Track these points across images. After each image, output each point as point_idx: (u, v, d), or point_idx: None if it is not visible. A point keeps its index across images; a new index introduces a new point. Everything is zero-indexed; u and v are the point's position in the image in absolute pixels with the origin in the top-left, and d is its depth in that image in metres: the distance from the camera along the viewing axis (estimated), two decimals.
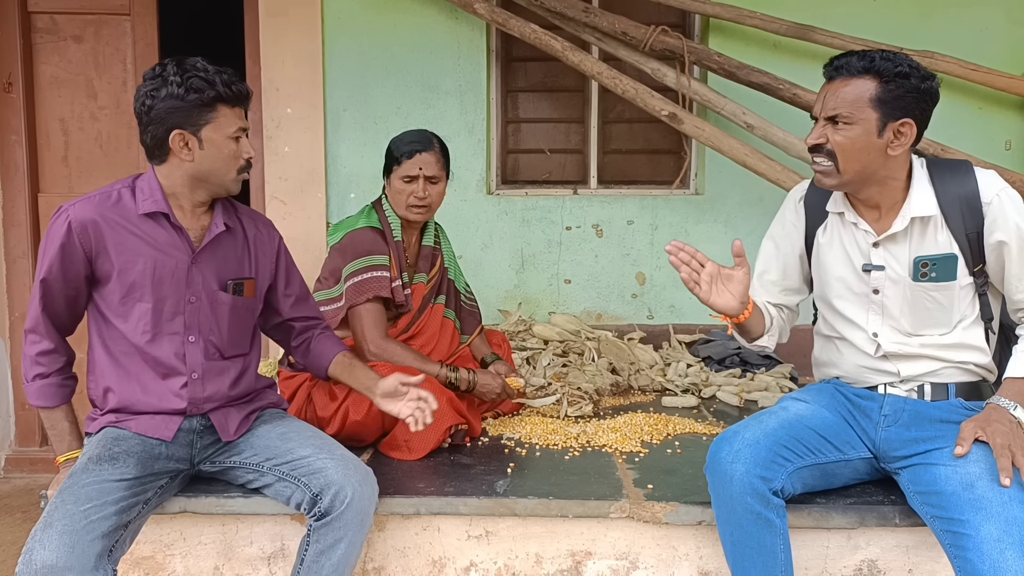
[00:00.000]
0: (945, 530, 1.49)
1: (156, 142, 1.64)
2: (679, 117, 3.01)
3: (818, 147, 1.63)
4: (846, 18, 3.20)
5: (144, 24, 3.49)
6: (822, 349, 1.85)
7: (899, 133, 1.58)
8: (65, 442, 1.70)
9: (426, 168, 2.22)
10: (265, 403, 1.85)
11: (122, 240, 1.64)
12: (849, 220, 1.71)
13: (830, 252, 1.76)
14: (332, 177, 3.47)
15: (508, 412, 2.49)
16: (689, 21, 3.48)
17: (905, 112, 1.57)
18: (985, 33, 3.25)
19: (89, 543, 1.43)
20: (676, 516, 1.76)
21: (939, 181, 1.65)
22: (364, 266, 2.17)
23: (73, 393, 1.72)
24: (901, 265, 1.66)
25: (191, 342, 1.69)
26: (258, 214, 1.89)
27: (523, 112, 3.64)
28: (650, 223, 3.47)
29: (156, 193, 1.67)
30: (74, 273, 1.63)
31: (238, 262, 1.77)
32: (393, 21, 3.39)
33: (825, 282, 1.78)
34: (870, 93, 1.57)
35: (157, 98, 1.60)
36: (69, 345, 1.72)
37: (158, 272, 1.65)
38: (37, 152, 3.56)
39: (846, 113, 1.58)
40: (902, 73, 1.56)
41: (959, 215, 1.62)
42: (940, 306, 1.65)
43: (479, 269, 3.45)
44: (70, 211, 1.62)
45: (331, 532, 1.61)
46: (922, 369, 1.69)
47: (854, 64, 1.58)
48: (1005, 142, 3.31)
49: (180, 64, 1.61)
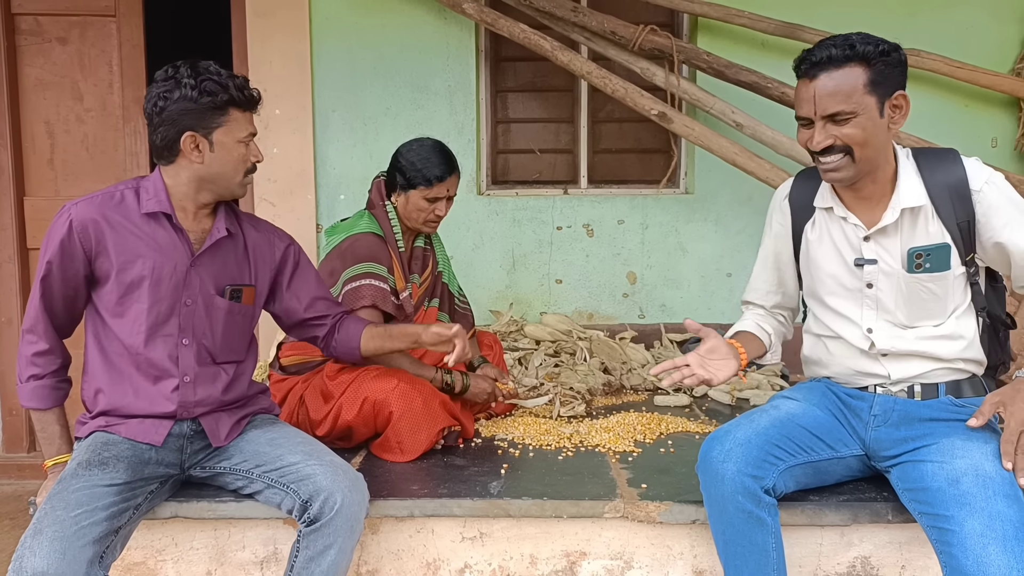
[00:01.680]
0: (931, 526, 1.50)
1: (166, 143, 1.64)
2: (669, 116, 3.02)
3: (830, 148, 1.59)
4: (833, 16, 3.21)
5: (130, 26, 3.46)
6: (812, 348, 1.85)
7: (895, 107, 1.59)
8: (54, 446, 1.69)
9: (451, 189, 2.26)
10: (256, 408, 1.83)
11: (123, 240, 1.63)
12: (838, 215, 1.71)
13: (820, 248, 1.75)
14: (321, 179, 3.46)
15: (501, 413, 2.49)
16: (677, 20, 3.49)
17: (896, 86, 1.58)
18: (970, 31, 3.28)
19: (80, 549, 1.41)
20: (670, 515, 1.76)
21: (927, 170, 1.64)
22: (363, 272, 2.16)
23: (66, 397, 1.71)
24: (893, 258, 1.66)
25: (184, 345, 1.68)
26: (264, 222, 1.88)
27: (513, 112, 3.63)
28: (640, 222, 3.48)
29: (160, 193, 1.67)
30: (73, 272, 1.63)
31: (238, 268, 1.77)
32: (381, 21, 3.38)
33: (816, 279, 1.77)
34: (863, 79, 1.55)
35: (170, 99, 1.60)
36: (66, 348, 1.71)
37: (156, 273, 1.65)
38: (22, 155, 3.53)
39: (848, 108, 1.55)
40: (883, 51, 1.56)
41: (949, 204, 1.61)
42: (935, 296, 1.65)
43: (470, 270, 3.44)
44: (72, 210, 1.62)
45: (321, 538, 1.60)
46: (913, 371, 1.69)
47: (836, 55, 1.55)
48: (991, 139, 3.34)
49: (194, 66, 1.62)
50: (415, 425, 2.02)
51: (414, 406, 2.01)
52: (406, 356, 2.19)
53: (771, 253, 1.87)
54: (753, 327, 1.85)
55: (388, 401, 2.01)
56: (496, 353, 2.61)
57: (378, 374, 2.07)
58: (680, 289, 3.50)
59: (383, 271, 2.19)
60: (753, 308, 1.94)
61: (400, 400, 2.01)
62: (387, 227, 2.26)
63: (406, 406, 2.01)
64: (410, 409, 2.01)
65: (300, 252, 1.90)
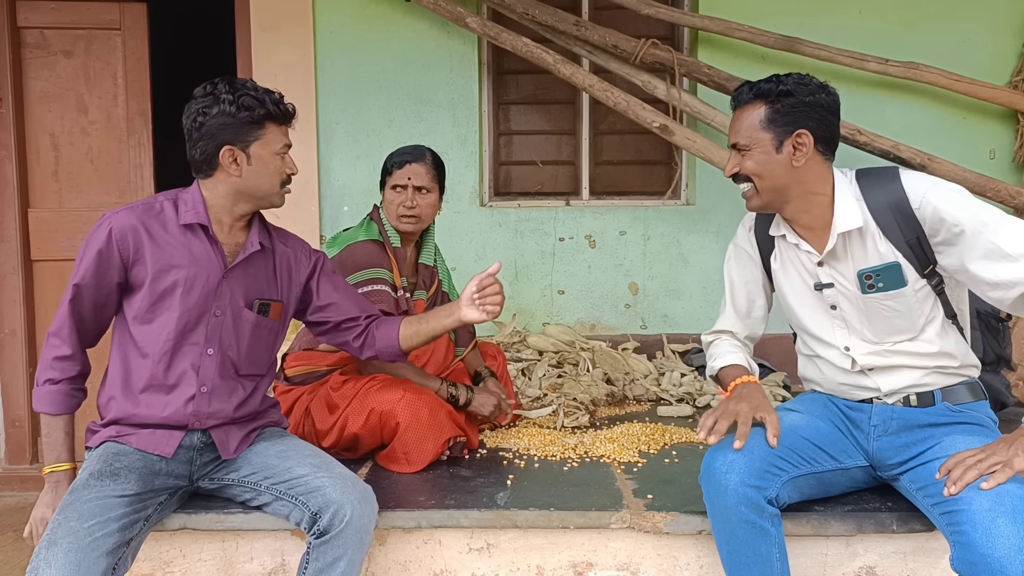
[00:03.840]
0: (943, 513, 1.51)
1: (205, 157, 1.68)
2: (670, 129, 3.04)
3: (735, 175, 1.72)
4: (832, 30, 3.25)
5: (135, 39, 3.49)
6: (805, 367, 1.89)
7: (797, 145, 1.65)
8: (55, 453, 1.68)
9: (415, 179, 2.25)
10: (266, 421, 1.85)
11: (160, 249, 1.66)
12: (791, 242, 1.76)
13: (785, 277, 1.81)
14: (325, 190, 3.48)
15: (505, 424, 2.50)
16: (678, 34, 3.53)
17: (797, 124, 1.65)
18: (968, 44, 3.31)
19: (95, 560, 1.42)
20: (676, 526, 1.77)
21: (867, 191, 1.67)
22: (366, 279, 2.18)
23: (78, 406, 1.71)
24: (848, 280, 1.70)
25: (209, 355, 1.70)
26: (295, 237, 1.91)
27: (515, 124, 3.66)
28: (642, 233, 3.50)
29: (199, 206, 1.70)
30: (107, 279, 1.65)
31: (268, 283, 1.79)
32: (385, 35, 3.41)
33: (788, 306, 1.82)
34: (760, 117, 1.67)
35: (209, 115, 1.65)
36: (87, 357, 1.73)
37: (189, 282, 1.67)
38: (27, 167, 3.54)
39: (744, 141, 1.68)
40: (784, 92, 1.65)
41: (894, 223, 1.63)
42: (898, 313, 1.67)
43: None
44: (113, 219, 1.65)
45: (331, 550, 1.61)
46: (903, 382, 1.70)
47: (744, 94, 1.70)
48: (989, 151, 3.37)
49: (231, 83, 1.67)
50: (422, 436, 2.03)
51: (421, 416, 2.03)
52: (411, 367, 2.20)
53: (742, 281, 1.90)
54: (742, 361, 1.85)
55: (395, 412, 2.02)
56: (500, 364, 2.62)
57: (383, 385, 2.08)
58: (682, 300, 3.52)
59: (385, 274, 2.21)
60: (728, 337, 1.93)
61: (407, 411, 2.02)
62: (383, 230, 2.29)
63: (413, 416, 2.02)
64: (417, 420, 2.02)
65: (327, 260, 1.93)
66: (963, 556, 1.42)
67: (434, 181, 2.29)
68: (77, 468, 1.69)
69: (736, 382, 1.75)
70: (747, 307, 1.91)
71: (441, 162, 2.34)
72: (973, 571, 1.40)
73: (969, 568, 1.41)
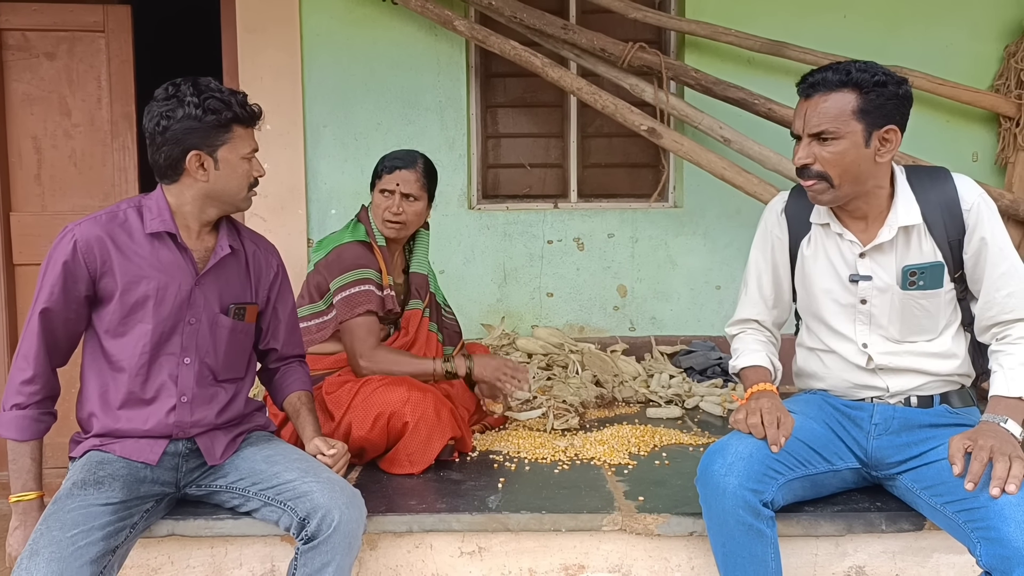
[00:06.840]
0: (960, 511, 1.49)
1: (171, 162, 1.62)
2: (658, 132, 3.05)
3: (806, 167, 1.64)
4: (818, 34, 3.27)
5: (119, 41, 3.45)
6: (806, 361, 1.87)
7: (885, 140, 1.61)
8: (21, 480, 1.62)
9: (403, 185, 2.24)
10: (252, 426, 1.83)
11: (128, 260, 1.61)
12: (835, 231, 1.74)
13: (815, 264, 1.78)
14: (313, 194, 3.46)
15: (494, 426, 2.50)
16: (665, 38, 3.54)
17: (887, 119, 1.60)
18: (951, 49, 3.35)
19: (78, 569, 1.40)
20: (668, 528, 1.77)
21: (919, 189, 1.68)
22: (354, 279, 2.18)
23: (47, 431, 1.65)
24: (888, 274, 1.69)
25: (186, 364, 1.67)
26: (261, 237, 1.88)
27: (503, 127, 3.66)
28: (630, 236, 3.51)
29: (164, 213, 1.65)
30: (75, 293, 1.60)
31: (241, 285, 1.76)
32: (372, 37, 3.40)
33: (811, 294, 1.80)
34: (852, 105, 1.59)
35: (173, 119, 1.58)
36: (56, 380, 1.66)
37: (161, 293, 1.63)
38: (9, 170, 3.49)
39: (832, 128, 1.60)
40: (880, 82, 1.59)
41: (941, 223, 1.65)
42: (928, 313, 1.69)
43: (461, 284, 3.45)
44: (76, 230, 1.59)
45: (319, 556, 1.59)
46: (910, 384, 1.72)
47: (831, 79, 1.60)
48: (972, 154, 3.41)
49: (195, 84, 1.60)
50: (429, 434, 2.03)
51: (427, 415, 2.03)
52: (403, 354, 2.22)
53: (769, 267, 1.87)
54: (765, 362, 1.83)
55: (403, 412, 2.01)
56: None
57: (381, 385, 2.07)
58: (670, 302, 3.53)
59: (373, 274, 2.22)
60: (754, 329, 1.91)
61: (414, 410, 2.02)
62: (369, 229, 2.28)
63: (420, 415, 2.02)
64: (424, 418, 2.02)
65: (285, 270, 1.89)
66: (994, 551, 1.40)
67: (423, 189, 2.28)
68: (44, 499, 1.62)
69: (752, 390, 1.74)
70: (774, 292, 1.87)
71: (433, 170, 2.34)
72: (1007, 566, 1.38)
73: (1003, 563, 1.39)
